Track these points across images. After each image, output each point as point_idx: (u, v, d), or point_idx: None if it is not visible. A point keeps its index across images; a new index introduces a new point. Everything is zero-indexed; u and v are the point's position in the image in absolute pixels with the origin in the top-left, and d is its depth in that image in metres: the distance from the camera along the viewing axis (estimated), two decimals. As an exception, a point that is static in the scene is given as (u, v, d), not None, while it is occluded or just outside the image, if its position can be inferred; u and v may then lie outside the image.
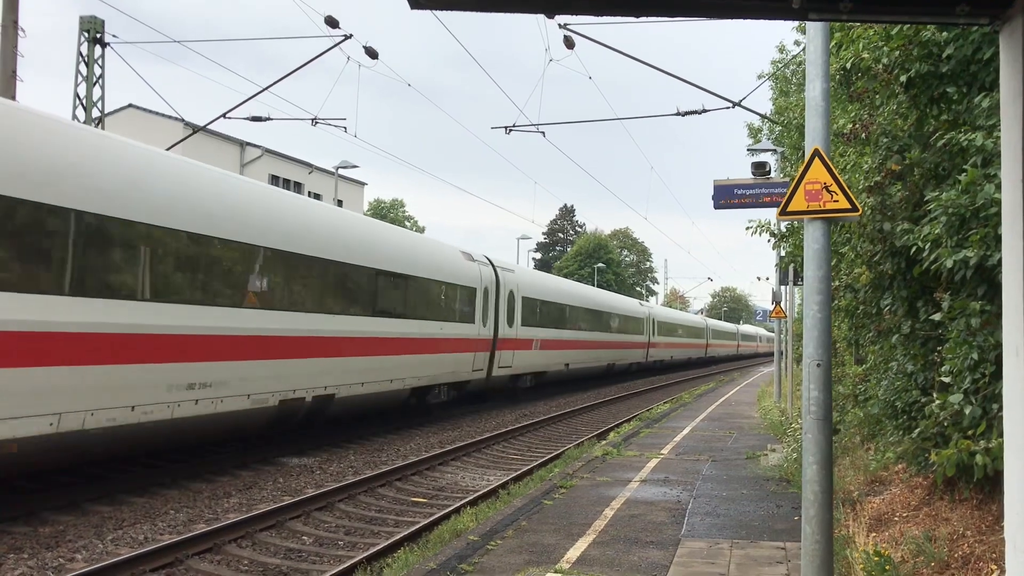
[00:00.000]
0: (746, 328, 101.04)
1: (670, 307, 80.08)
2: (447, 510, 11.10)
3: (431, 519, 10.58)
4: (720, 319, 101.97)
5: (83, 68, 19.94)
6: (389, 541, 9.54)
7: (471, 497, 12.05)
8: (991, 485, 7.29)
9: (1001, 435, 5.34)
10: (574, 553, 8.16)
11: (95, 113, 20.08)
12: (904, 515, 8.49)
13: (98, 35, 19.93)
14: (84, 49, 19.93)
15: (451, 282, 21.52)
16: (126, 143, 11.99)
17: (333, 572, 8.22)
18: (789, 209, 6.36)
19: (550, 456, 16.24)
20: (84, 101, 19.97)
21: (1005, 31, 3.51)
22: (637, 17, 3.43)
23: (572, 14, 4.60)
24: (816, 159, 6.27)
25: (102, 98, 20.21)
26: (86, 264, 10.50)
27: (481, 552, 8.21)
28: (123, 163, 11.43)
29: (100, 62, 20.06)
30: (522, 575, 7.36)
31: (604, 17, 3.39)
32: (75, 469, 11.69)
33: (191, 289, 12.24)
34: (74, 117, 19.78)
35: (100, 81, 20.14)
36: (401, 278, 18.80)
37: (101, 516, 10.51)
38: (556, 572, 7.44)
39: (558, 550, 8.29)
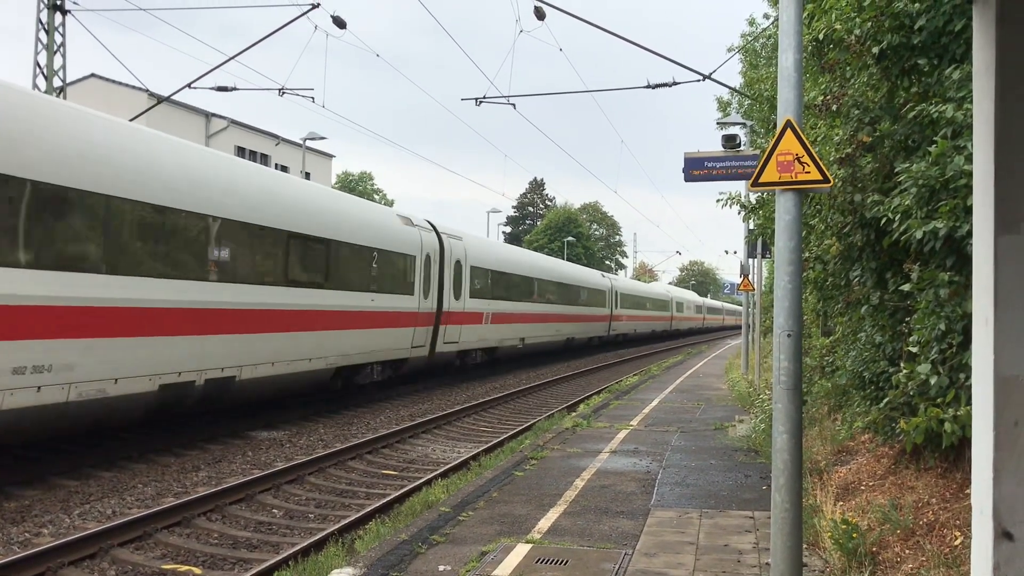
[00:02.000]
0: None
1: (638, 280, 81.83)
2: (418, 482, 11.11)
3: (402, 491, 10.58)
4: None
5: (43, 36, 19.49)
6: (360, 513, 9.54)
7: (442, 469, 12.07)
8: (955, 454, 7.41)
9: (969, 403, 5.41)
10: (545, 523, 8.20)
11: (56, 83, 19.66)
12: (870, 484, 8.62)
13: (58, 2, 19.47)
14: (44, 17, 19.46)
15: (596, 288, 43.26)
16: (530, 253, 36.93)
17: (304, 544, 8.20)
18: (761, 180, 6.34)
19: (521, 428, 16.30)
20: (45, 70, 19.53)
21: (979, 1, 3.49)
22: None
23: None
24: (788, 130, 6.23)
25: (63, 67, 19.77)
26: (541, 295, 33.43)
27: (453, 523, 8.22)
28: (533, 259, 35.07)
29: (61, 30, 19.61)
30: (494, 545, 7.38)
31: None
32: (40, 443, 11.54)
33: (538, 296, 32.97)
34: (34, 86, 19.35)
35: (61, 49, 19.69)
36: (585, 288, 40.66)
37: (68, 490, 10.39)
38: (528, 542, 7.47)
39: (529, 520, 8.33)
